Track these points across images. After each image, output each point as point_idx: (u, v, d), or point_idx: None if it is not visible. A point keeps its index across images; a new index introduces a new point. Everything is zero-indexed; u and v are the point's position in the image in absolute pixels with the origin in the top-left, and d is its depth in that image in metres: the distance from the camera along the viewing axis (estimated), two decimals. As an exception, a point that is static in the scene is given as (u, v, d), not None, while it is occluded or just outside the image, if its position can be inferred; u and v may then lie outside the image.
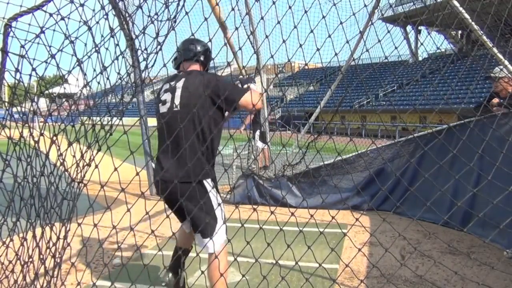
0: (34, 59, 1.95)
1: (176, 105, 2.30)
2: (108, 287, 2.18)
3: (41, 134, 2.05)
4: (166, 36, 2.07)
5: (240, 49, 2.05)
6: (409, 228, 4.34)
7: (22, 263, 2.13)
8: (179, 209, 2.26)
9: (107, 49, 1.93)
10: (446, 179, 4.05)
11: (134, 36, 2.16)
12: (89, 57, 1.95)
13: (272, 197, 5.57)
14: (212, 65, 2.61)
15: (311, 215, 1.98)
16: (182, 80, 2.37)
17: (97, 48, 1.91)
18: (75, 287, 2.26)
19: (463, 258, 3.55)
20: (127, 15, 2.31)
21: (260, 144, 7.82)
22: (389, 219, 2.81)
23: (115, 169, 1.77)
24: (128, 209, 1.94)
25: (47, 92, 2.23)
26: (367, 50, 2.05)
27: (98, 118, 1.95)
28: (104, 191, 1.91)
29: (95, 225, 1.86)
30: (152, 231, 2.32)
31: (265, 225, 1.96)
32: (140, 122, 6.07)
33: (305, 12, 1.93)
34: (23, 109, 2.12)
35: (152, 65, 2.08)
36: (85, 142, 1.94)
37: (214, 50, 1.96)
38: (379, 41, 1.99)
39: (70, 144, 1.93)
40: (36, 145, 2.07)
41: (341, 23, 1.91)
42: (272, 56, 2.00)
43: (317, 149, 2.13)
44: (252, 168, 6.09)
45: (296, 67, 30.81)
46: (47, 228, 2.07)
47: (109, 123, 1.88)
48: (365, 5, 2.29)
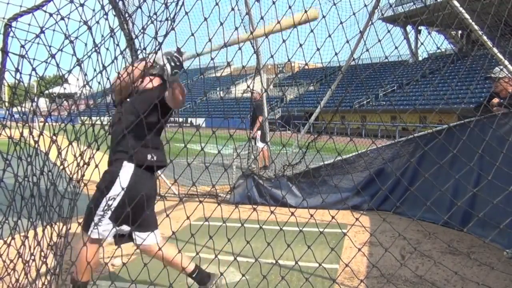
0: (34, 59, 1.95)
1: None
2: (108, 287, 2.19)
3: (41, 134, 2.05)
4: (166, 36, 2.07)
5: (240, 49, 2.05)
6: (409, 228, 4.34)
7: (24, 262, 2.14)
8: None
9: (107, 49, 1.93)
10: (446, 179, 4.05)
11: (134, 36, 2.16)
12: (89, 57, 1.95)
13: (272, 197, 5.57)
14: (212, 65, 2.61)
15: (311, 215, 1.98)
16: None
17: (97, 48, 1.91)
18: (75, 287, 2.26)
19: (463, 258, 3.55)
20: (127, 15, 2.32)
21: (260, 144, 7.82)
22: (389, 219, 2.81)
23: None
24: (128, 209, 1.94)
25: (47, 92, 2.23)
26: (367, 50, 2.06)
27: (98, 118, 1.95)
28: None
29: (95, 225, 1.86)
30: (152, 231, 2.32)
31: (265, 225, 1.97)
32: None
33: (305, 12, 1.93)
34: (23, 109, 2.13)
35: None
36: (86, 142, 1.95)
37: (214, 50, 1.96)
38: (379, 41, 1.99)
39: (70, 143, 1.93)
40: (36, 145, 2.07)
41: (341, 23, 1.91)
42: (272, 56, 2.00)
43: (317, 149, 2.14)
44: (252, 168, 6.09)
45: (296, 67, 30.79)
46: (48, 227, 2.07)
47: (109, 123, 1.88)
48: (365, 5, 2.30)
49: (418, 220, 3.93)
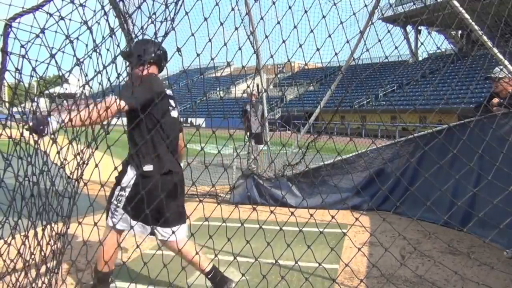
0: (37, 61, 1.95)
1: (178, 111, 2.70)
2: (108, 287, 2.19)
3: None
4: (166, 36, 2.07)
5: (240, 49, 2.05)
6: (409, 228, 4.34)
7: (24, 261, 2.14)
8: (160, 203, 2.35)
9: (108, 50, 1.93)
10: (446, 179, 4.05)
11: (134, 36, 2.16)
12: (90, 58, 1.95)
13: (272, 197, 5.57)
14: (212, 65, 2.61)
15: (311, 215, 1.98)
16: (169, 89, 2.67)
17: (97, 48, 1.91)
18: (75, 286, 2.27)
19: (463, 258, 3.55)
20: (127, 15, 2.32)
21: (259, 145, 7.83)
22: (389, 219, 2.81)
23: (115, 169, 1.77)
24: (128, 209, 1.94)
25: (47, 92, 2.23)
26: (367, 50, 2.06)
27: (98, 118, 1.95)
28: (104, 191, 1.91)
29: (95, 224, 1.86)
30: (152, 231, 2.32)
31: (265, 225, 1.97)
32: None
33: (305, 12, 1.93)
34: (23, 109, 2.12)
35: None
36: (85, 141, 1.95)
37: (214, 50, 1.95)
38: (379, 41, 1.99)
39: (70, 142, 1.93)
40: (36, 145, 2.07)
41: (341, 23, 1.91)
42: (272, 56, 2.00)
43: (317, 149, 2.14)
44: (252, 168, 6.09)
45: (296, 67, 30.79)
46: (48, 227, 2.07)
47: (109, 123, 1.88)
48: (365, 5, 2.30)
49: (418, 220, 3.93)
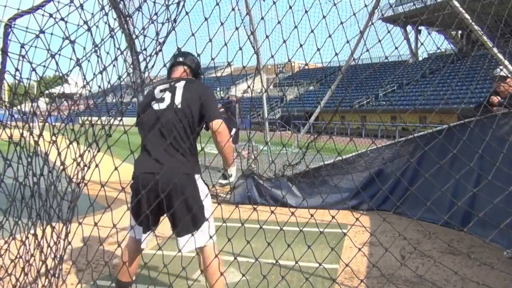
0: (38, 64, 1.95)
1: (177, 104, 2.35)
2: (108, 287, 2.19)
3: (41, 134, 2.05)
4: (167, 37, 2.07)
5: (240, 49, 2.05)
6: (409, 228, 4.34)
7: (24, 262, 2.14)
8: (160, 205, 2.18)
9: (108, 53, 1.93)
10: (446, 179, 4.05)
11: (134, 36, 2.16)
12: (89, 58, 1.95)
13: (272, 197, 5.57)
14: (212, 65, 2.62)
15: (311, 215, 1.98)
16: (183, 82, 2.42)
17: (97, 48, 1.91)
18: (75, 287, 2.26)
19: (463, 258, 3.55)
20: (128, 16, 2.31)
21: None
22: (389, 219, 2.81)
23: (115, 169, 1.77)
24: (128, 208, 1.94)
25: (47, 92, 2.23)
26: (367, 50, 2.06)
27: (98, 118, 1.95)
28: (105, 191, 1.91)
29: (95, 224, 1.86)
30: (152, 231, 2.32)
31: (265, 225, 1.97)
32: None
33: (306, 12, 1.93)
34: (23, 109, 2.13)
35: (153, 66, 2.09)
36: (86, 143, 1.95)
37: (214, 50, 1.95)
38: (379, 41, 1.99)
39: (70, 143, 1.93)
40: (36, 145, 2.07)
41: (342, 23, 1.91)
42: (272, 56, 2.00)
43: (317, 149, 2.14)
44: (252, 168, 6.08)
45: (296, 67, 30.80)
46: (48, 228, 2.07)
47: (109, 123, 1.88)
48: (365, 5, 2.30)
49: (418, 220, 3.93)
